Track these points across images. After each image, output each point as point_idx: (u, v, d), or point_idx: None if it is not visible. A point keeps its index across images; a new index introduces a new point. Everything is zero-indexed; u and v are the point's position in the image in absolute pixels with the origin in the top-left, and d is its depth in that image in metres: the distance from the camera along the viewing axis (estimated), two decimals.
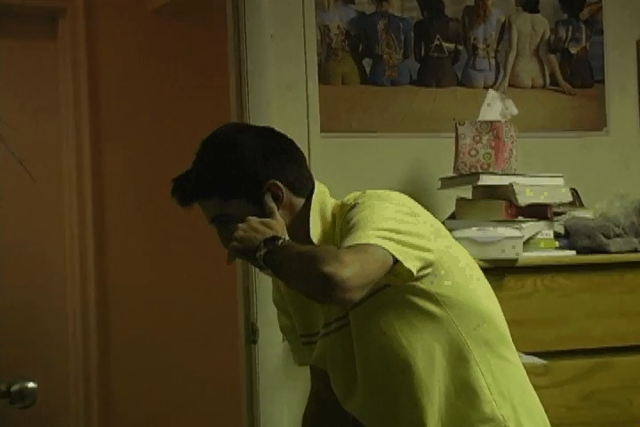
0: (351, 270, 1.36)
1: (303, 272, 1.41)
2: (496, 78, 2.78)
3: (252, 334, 2.50)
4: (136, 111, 3.38)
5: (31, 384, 1.44)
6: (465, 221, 2.39)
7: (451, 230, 2.30)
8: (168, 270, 3.34)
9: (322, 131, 2.57)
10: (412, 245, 1.46)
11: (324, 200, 1.61)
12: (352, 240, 1.42)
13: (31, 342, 3.48)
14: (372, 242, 1.41)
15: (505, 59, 2.78)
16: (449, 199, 2.50)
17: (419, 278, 1.50)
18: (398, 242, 1.44)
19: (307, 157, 1.65)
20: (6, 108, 3.40)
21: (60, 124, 3.49)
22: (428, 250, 1.49)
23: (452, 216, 2.47)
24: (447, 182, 2.52)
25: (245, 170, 1.57)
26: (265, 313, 2.44)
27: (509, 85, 2.78)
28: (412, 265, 1.45)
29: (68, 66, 3.45)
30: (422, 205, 1.59)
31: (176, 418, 3.33)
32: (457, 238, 2.26)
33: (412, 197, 1.59)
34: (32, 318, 3.51)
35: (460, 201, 2.46)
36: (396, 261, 1.43)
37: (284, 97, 2.53)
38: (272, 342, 2.46)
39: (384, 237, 1.42)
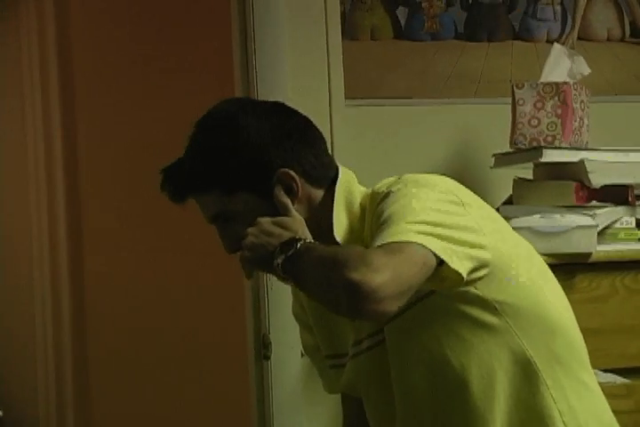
0: (383, 276, 1.33)
1: (324, 281, 1.39)
2: (562, 29, 2.76)
3: (263, 349, 2.51)
4: (115, 84, 3.40)
5: None
6: (525, 206, 2.38)
7: (507, 219, 2.31)
8: (158, 271, 3.36)
9: (346, 97, 2.57)
10: (461, 242, 1.44)
11: (350, 189, 1.60)
12: (384, 238, 1.40)
13: None
14: (409, 239, 1.38)
15: (574, 4, 2.77)
16: (504, 180, 2.50)
17: (471, 282, 1.48)
18: (443, 238, 1.41)
19: (328, 131, 1.66)
20: None
21: (25, 108, 3.54)
22: (481, 247, 1.47)
23: (509, 201, 2.47)
24: (503, 159, 2.51)
25: (252, 157, 1.57)
26: (279, 322, 2.45)
27: (579, 38, 2.76)
28: (462, 266, 1.43)
29: (34, 44, 3.49)
30: (472, 189, 1.58)
31: None
32: (515, 229, 2.28)
33: (458, 179, 1.58)
34: None
35: (519, 182, 2.46)
36: (442, 261, 1.40)
37: (299, 56, 2.53)
38: (288, 359, 2.48)
39: (424, 233, 1.40)
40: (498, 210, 2.38)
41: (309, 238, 1.48)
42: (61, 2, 3.48)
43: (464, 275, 1.43)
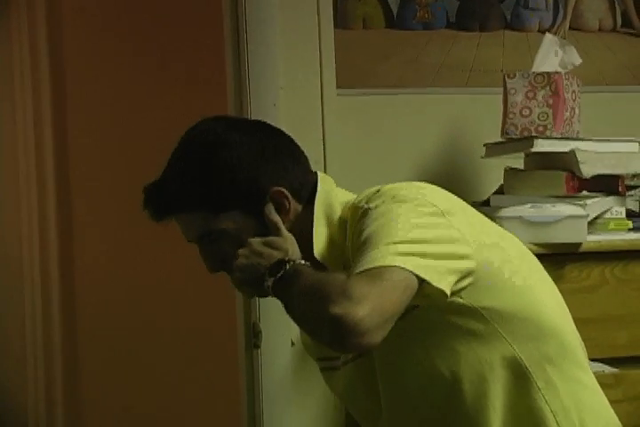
0: (365, 308, 1.32)
1: (308, 314, 1.39)
2: (554, 19, 2.76)
3: (253, 337, 2.50)
4: (107, 82, 3.39)
5: None
6: (515, 196, 2.38)
7: (497, 208, 2.32)
8: (147, 259, 3.35)
9: (338, 86, 2.56)
10: (443, 255, 1.44)
11: (329, 202, 1.59)
12: (363, 264, 1.39)
13: None
14: (388, 263, 1.38)
15: None
16: (495, 170, 2.50)
17: (456, 293, 1.48)
18: (423, 255, 1.41)
19: (320, 120, 1.66)
20: None
21: (16, 109, 3.54)
22: (465, 257, 1.47)
23: (500, 191, 2.47)
24: (494, 149, 2.51)
25: (244, 176, 1.56)
26: (270, 311, 2.45)
27: (571, 28, 2.76)
28: (445, 282, 1.42)
29: (25, 43, 3.49)
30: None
31: None
32: (505, 218, 2.30)
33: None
34: None
35: (510, 172, 2.46)
36: (423, 279, 1.40)
37: (291, 45, 2.52)
38: (278, 348, 2.47)
39: (404, 253, 1.40)
40: (488, 200, 2.41)
41: (299, 258, 1.48)
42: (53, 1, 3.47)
43: (447, 292, 1.43)
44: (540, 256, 1.65)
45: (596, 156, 2.37)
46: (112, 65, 3.33)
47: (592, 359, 2.14)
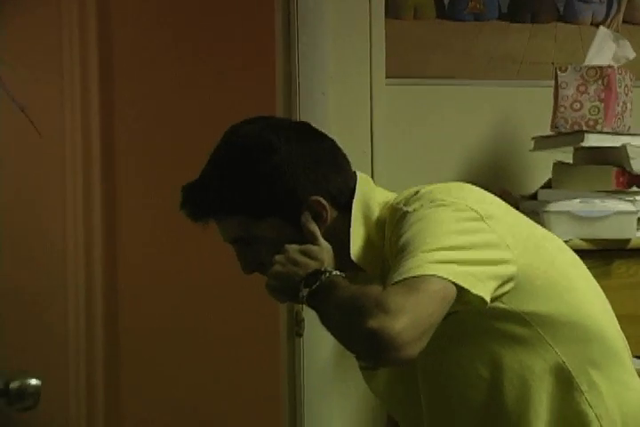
0: (402, 322, 1.30)
1: (344, 327, 1.37)
2: (607, 12, 2.74)
3: (295, 326, 2.51)
4: (154, 64, 3.40)
5: (34, 381, 1.47)
6: (564, 191, 2.37)
7: (546, 203, 2.31)
8: (191, 247, 3.37)
9: (387, 76, 2.56)
10: (483, 261, 1.42)
11: (367, 203, 1.59)
12: (401, 273, 1.37)
13: (25, 335, 3.55)
14: (425, 272, 1.36)
15: None
16: (544, 164, 2.49)
17: (497, 298, 1.46)
18: (461, 262, 1.39)
19: (368, 110, 1.65)
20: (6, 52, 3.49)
21: (64, 79, 3.57)
22: (505, 262, 1.46)
23: (548, 185, 2.46)
24: (543, 143, 2.50)
25: (284, 184, 1.55)
26: None
27: (624, 21, 2.74)
28: (484, 289, 1.40)
29: (74, 12, 3.51)
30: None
31: None
32: (553, 213, 2.29)
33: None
34: (26, 305, 3.59)
35: (559, 166, 2.45)
36: (462, 287, 1.38)
37: (341, 34, 2.52)
38: (320, 336, 2.47)
39: (442, 261, 1.38)
40: (536, 194, 2.40)
41: (334, 271, 1.46)
42: None
43: (487, 299, 1.41)
44: (587, 252, 1.65)
45: None
46: (161, 55, 3.34)
47: (637, 357, 2.14)
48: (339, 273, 1.46)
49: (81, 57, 3.56)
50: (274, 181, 1.55)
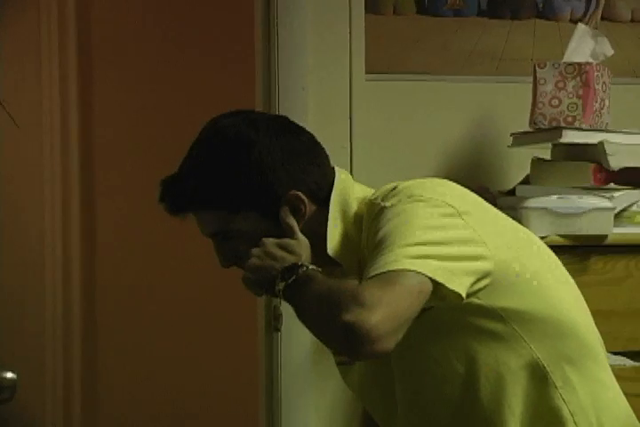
0: (378, 315, 1.32)
1: (320, 321, 1.38)
2: (586, 9, 2.74)
3: (274, 320, 2.51)
4: (133, 53, 3.39)
5: (10, 375, 1.46)
6: (542, 187, 2.38)
7: (524, 199, 2.32)
8: (169, 243, 3.36)
9: (367, 72, 2.56)
10: (459, 257, 1.43)
11: (345, 198, 1.59)
12: (377, 268, 1.38)
13: (1, 328, 3.54)
14: (401, 267, 1.37)
15: None
16: (522, 160, 2.50)
17: (473, 294, 1.47)
18: (438, 257, 1.40)
19: (348, 105, 1.65)
20: None
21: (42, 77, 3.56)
22: (481, 258, 1.46)
23: (526, 181, 2.46)
24: (521, 139, 2.51)
25: (263, 178, 1.55)
26: None
27: (603, 18, 2.74)
28: (460, 285, 1.41)
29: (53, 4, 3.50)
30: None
31: (177, 423, 3.37)
32: (531, 208, 2.29)
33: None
34: (3, 299, 3.57)
35: (537, 162, 2.45)
36: (438, 282, 1.39)
37: (321, 30, 2.52)
38: (298, 331, 2.47)
39: (418, 256, 1.39)
40: (514, 190, 2.41)
41: (310, 265, 1.46)
42: None
43: (463, 294, 1.42)
44: (564, 248, 1.65)
45: (624, 148, 2.37)
46: (141, 49, 3.33)
47: (613, 353, 2.16)
48: (315, 268, 1.47)
49: (60, 50, 3.55)
50: (252, 175, 1.55)
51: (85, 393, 3.56)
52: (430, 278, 1.38)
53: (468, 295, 1.44)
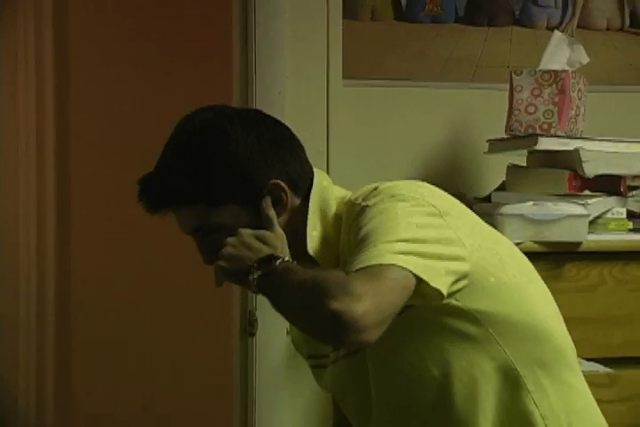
0: (365, 305, 1.32)
1: (303, 308, 1.38)
2: (562, 17, 2.76)
3: (248, 326, 2.51)
4: (111, 72, 3.39)
5: None
6: (517, 193, 2.39)
7: (499, 205, 2.33)
8: (144, 245, 3.36)
9: (344, 77, 2.57)
10: (440, 256, 1.44)
11: (324, 197, 1.59)
12: (362, 261, 1.38)
13: None
14: (387, 261, 1.38)
15: None
16: (498, 166, 2.50)
17: (451, 294, 1.48)
18: (421, 255, 1.41)
19: (325, 111, 1.65)
20: None
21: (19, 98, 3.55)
22: (460, 258, 1.47)
23: (502, 187, 2.47)
24: (497, 145, 2.51)
25: (242, 170, 1.55)
26: (266, 299, 2.45)
27: (579, 26, 2.76)
28: (442, 283, 1.42)
29: (30, 30, 3.50)
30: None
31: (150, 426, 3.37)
32: (506, 215, 2.30)
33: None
34: None
35: (513, 169, 2.46)
36: (421, 279, 1.40)
37: (298, 34, 2.52)
38: (273, 336, 2.48)
39: (403, 252, 1.39)
40: (490, 196, 2.41)
41: (288, 257, 1.47)
42: None
43: (444, 292, 1.43)
44: (539, 254, 1.66)
45: (599, 155, 2.38)
46: (116, 52, 3.33)
47: (587, 359, 2.17)
48: (291, 261, 1.47)
49: (36, 50, 3.54)
50: (230, 167, 1.55)
51: (58, 389, 3.54)
52: (414, 275, 1.39)
53: (447, 296, 1.45)
